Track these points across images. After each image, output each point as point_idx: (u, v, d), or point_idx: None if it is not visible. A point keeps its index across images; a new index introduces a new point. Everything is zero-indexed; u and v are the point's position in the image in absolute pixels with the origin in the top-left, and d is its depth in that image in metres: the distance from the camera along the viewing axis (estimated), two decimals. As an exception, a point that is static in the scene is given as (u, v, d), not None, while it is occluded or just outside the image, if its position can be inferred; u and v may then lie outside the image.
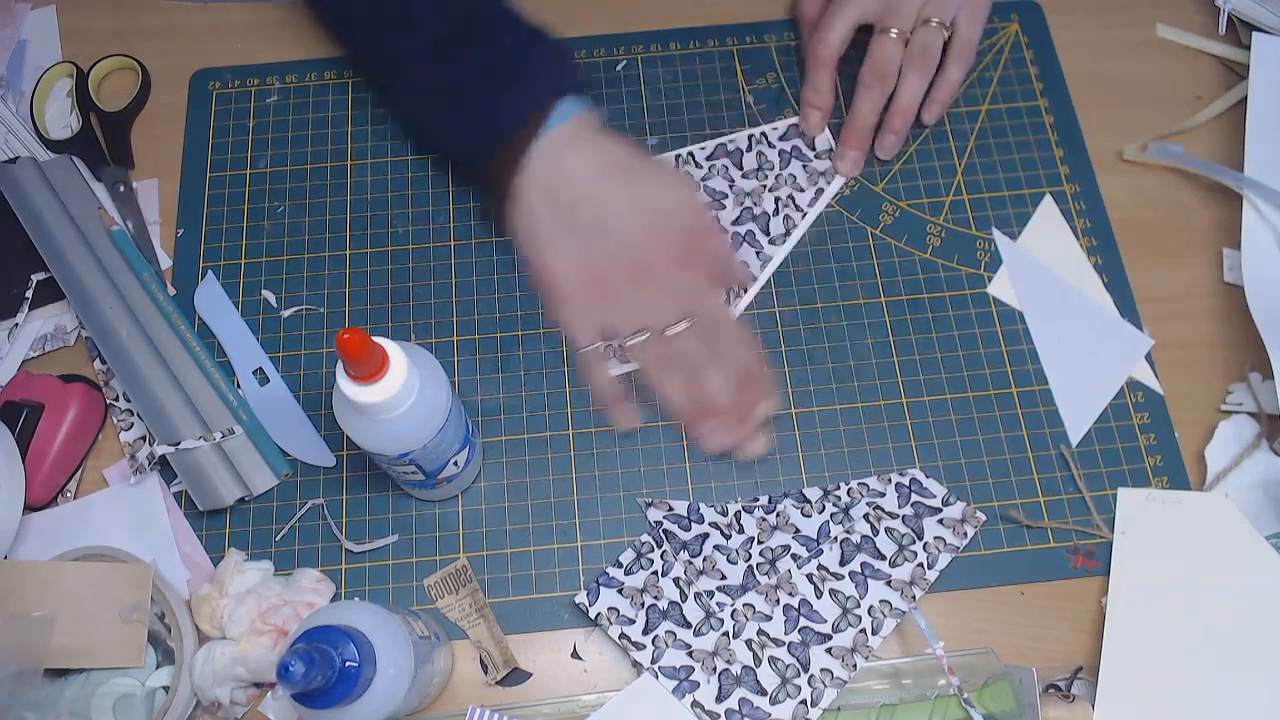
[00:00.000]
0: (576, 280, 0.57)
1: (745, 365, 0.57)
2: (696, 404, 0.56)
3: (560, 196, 0.56)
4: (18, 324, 0.60)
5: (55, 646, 0.50)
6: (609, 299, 0.56)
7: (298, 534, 0.56)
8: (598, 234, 0.56)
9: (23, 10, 0.70)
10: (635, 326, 0.56)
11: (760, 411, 0.56)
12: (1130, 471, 0.56)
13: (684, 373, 0.56)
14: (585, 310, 0.57)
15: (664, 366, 0.57)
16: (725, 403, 0.56)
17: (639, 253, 0.56)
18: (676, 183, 0.59)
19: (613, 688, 0.52)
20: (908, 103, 0.62)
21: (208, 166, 0.65)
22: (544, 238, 0.57)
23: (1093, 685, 0.51)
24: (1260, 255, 0.59)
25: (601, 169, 0.56)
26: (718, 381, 0.56)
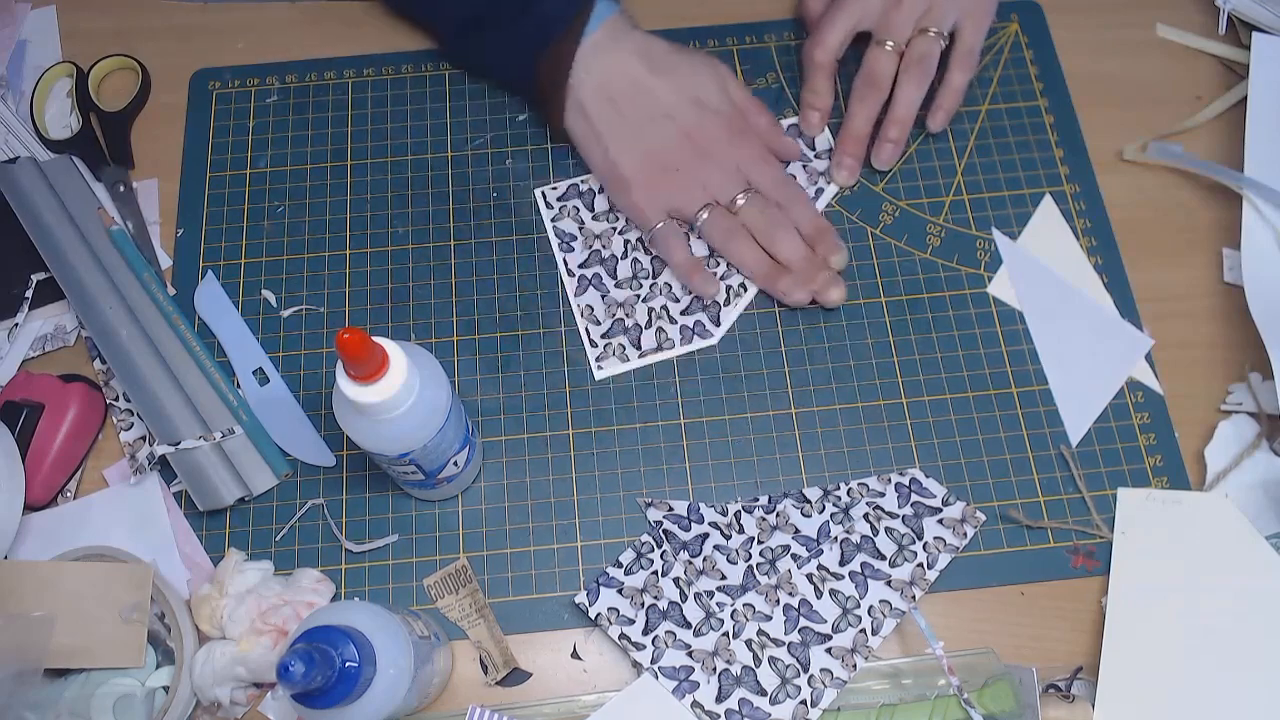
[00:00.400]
0: (639, 167, 0.60)
1: (810, 222, 0.60)
2: (772, 266, 0.59)
3: (611, 91, 0.60)
4: (18, 324, 0.60)
5: (55, 646, 0.50)
6: (672, 180, 0.60)
7: (298, 534, 0.56)
8: (652, 122, 0.60)
9: (23, 10, 0.70)
10: (701, 203, 0.59)
11: (833, 262, 0.59)
12: (1130, 471, 0.56)
13: (756, 237, 0.59)
14: (651, 194, 0.60)
15: (735, 235, 0.59)
16: (798, 260, 0.59)
17: (693, 134, 0.60)
18: (716, 68, 0.62)
19: (613, 688, 0.52)
20: (904, 113, 0.62)
21: (208, 166, 0.65)
22: (602, 132, 0.60)
23: (1093, 685, 0.51)
24: (1260, 255, 0.59)
25: (646, 62, 0.60)
26: (788, 241, 0.59)
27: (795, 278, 0.58)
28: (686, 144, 0.60)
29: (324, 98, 0.67)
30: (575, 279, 0.61)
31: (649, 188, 0.60)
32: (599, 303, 0.60)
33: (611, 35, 0.60)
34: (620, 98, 0.60)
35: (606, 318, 0.60)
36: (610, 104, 0.60)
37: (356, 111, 0.66)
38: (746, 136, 0.61)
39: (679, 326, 0.60)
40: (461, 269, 0.62)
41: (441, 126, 0.66)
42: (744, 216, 0.59)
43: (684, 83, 0.60)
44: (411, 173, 0.64)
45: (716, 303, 0.60)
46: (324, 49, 0.68)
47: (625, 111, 0.60)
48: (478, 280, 0.61)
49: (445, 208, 0.63)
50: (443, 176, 0.64)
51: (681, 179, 0.59)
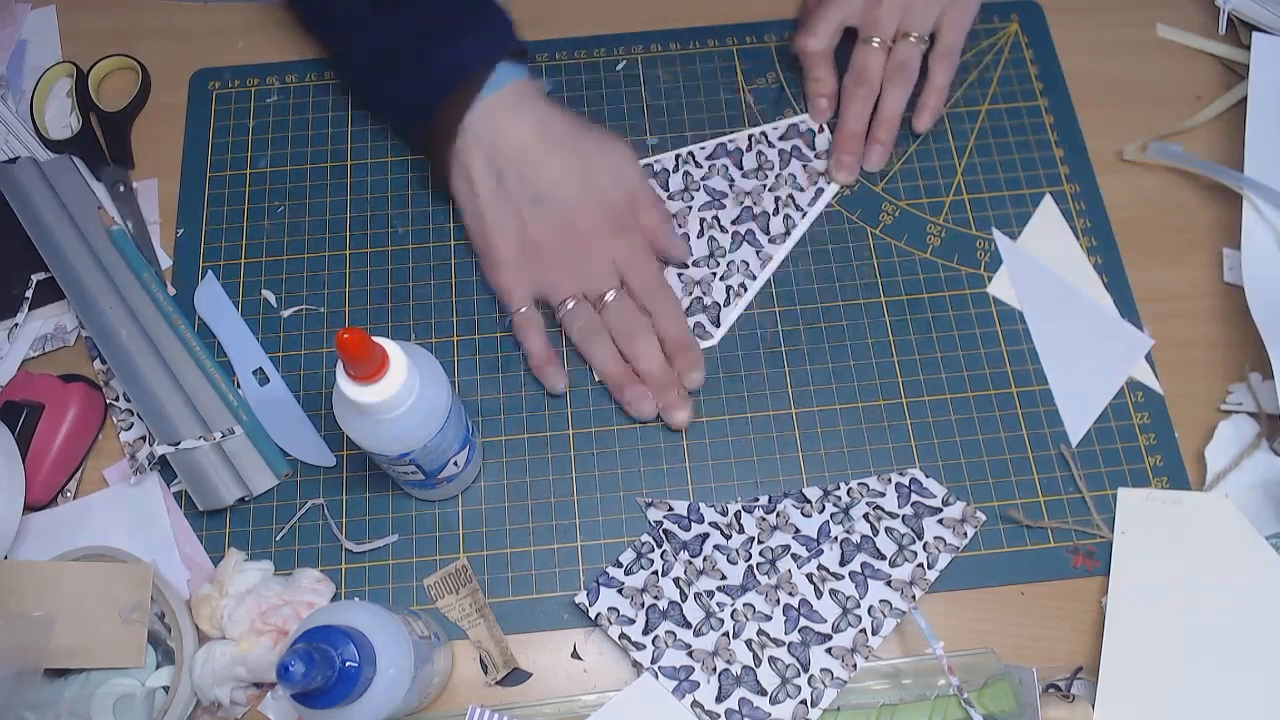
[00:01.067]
0: (512, 245, 0.57)
1: (675, 335, 0.57)
2: (624, 371, 0.57)
3: (498, 161, 0.56)
4: (18, 324, 0.60)
5: (55, 646, 0.50)
6: (543, 264, 0.57)
7: (298, 534, 0.56)
8: (534, 200, 0.56)
9: (23, 10, 0.70)
10: (567, 293, 0.57)
11: (688, 381, 0.57)
12: (1130, 471, 0.56)
13: (615, 339, 0.57)
14: (520, 274, 0.58)
15: (594, 333, 0.57)
16: (653, 370, 0.56)
17: (575, 220, 0.57)
18: (615, 151, 0.59)
19: (613, 688, 0.52)
20: (891, 115, 0.63)
21: (208, 166, 0.65)
22: (482, 202, 0.57)
23: (1093, 685, 0.51)
24: (1260, 255, 0.59)
25: (540, 135, 0.57)
26: (645, 349, 0.56)
27: (642, 390, 0.56)
28: (564, 231, 0.57)
29: (324, 98, 0.67)
30: (575, 279, 0.61)
31: (518, 269, 0.57)
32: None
33: (512, 101, 0.57)
34: (506, 169, 0.56)
35: (606, 318, 0.60)
36: (495, 174, 0.57)
37: (356, 111, 0.66)
38: (629, 232, 0.58)
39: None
40: (461, 269, 0.62)
41: (441, 126, 0.66)
42: (608, 315, 0.57)
43: (575, 162, 0.57)
44: (411, 173, 0.64)
45: (717, 303, 0.60)
46: (325, 54, 0.68)
47: (509, 185, 0.56)
48: (478, 280, 0.61)
49: (445, 208, 0.63)
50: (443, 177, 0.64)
51: (552, 266, 0.57)
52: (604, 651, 0.53)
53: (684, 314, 0.59)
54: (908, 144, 0.65)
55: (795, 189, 0.63)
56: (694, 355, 0.57)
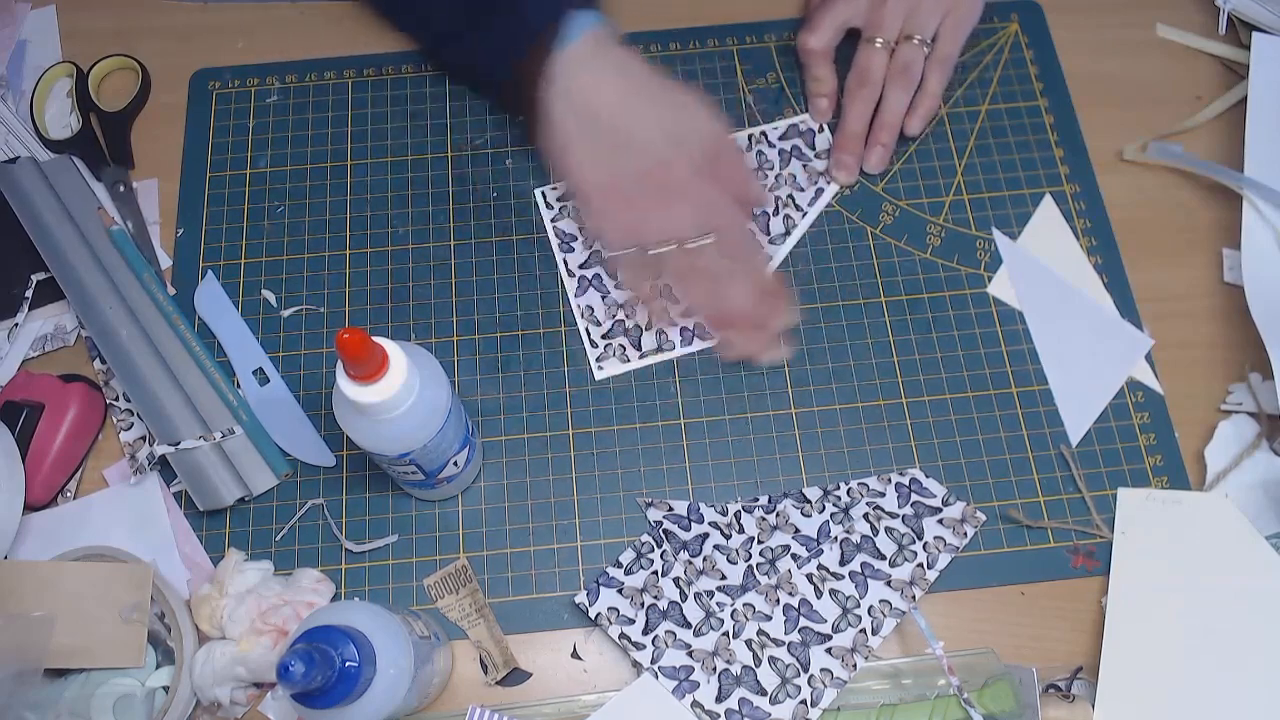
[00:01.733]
0: (605, 191, 0.58)
1: (764, 280, 0.59)
2: (720, 312, 0.58)
3: (587, 111, 0.57)
4: (18, 324, 0.60)
5: (55, 646, 0.50)
6: (635, 210, 0.58)
7: (298, 534, 0.56)
8: (624, 148, 0.57)
9: (23, 10, 0.70)
10: (661, 237, 0.58)
11: (778, 323, 0.58)
12: (1130, 471, 0.56)
13: (707, 282, 0.58)
14: (614, 220, 0.59)
15: (688, 275, 0.58)
16: (745, 312, 0.58)
17: (664, 167, 0.57)
18: (699, 104, 0.60)
19: (613, 688, 0.52)
20: (892, 118, 0.63)
21: (208, 166, 0.65)
22: (573, 151, 0.58)
23: (1093, 685, 0.51)
24: (1260, 255, 0.59)
25: (626, 85, 0.58)
26: (738, 292, 0.58)
27: (738, 331, 0.58)
28: (654, 178, 0.57)
29: (324, 98, 0.67)
30: (575, 279, 0.61)
31: (610, 215, 0.58)
32: (599, 303, 0.60)
33: (592, 49, 0.57)
34: (595, 117, 0.57)
35: (607, 318, 0.60)
36: (581, 125, 0.57)
37: (356, 111, 0.66)
38: (716, 179, 0.59)
39: (679, 328, 0.60)
40: (461, 269, 0.62)
41: (441, 126, 0.66)
42: (701, 259, 0.57)
43: (663, 113, 0.58)
44: (411, 173, 0.64)
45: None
46: (324, 49, 0.68)
47: (597, 135, 0.57)
48: (478, 280, 0.61)
49: (445, 208, 0.63)
50: (443, 176, 0.64)
51: (644, 212, 0.58)
52: (604, 651, 0.53)
53: (769, 259, 0.61)
54: (908, 144, 0.65)
55: (795, 189, 0.63)
56: (784, 298, 0.59)
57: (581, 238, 0.62)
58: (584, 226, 0.62)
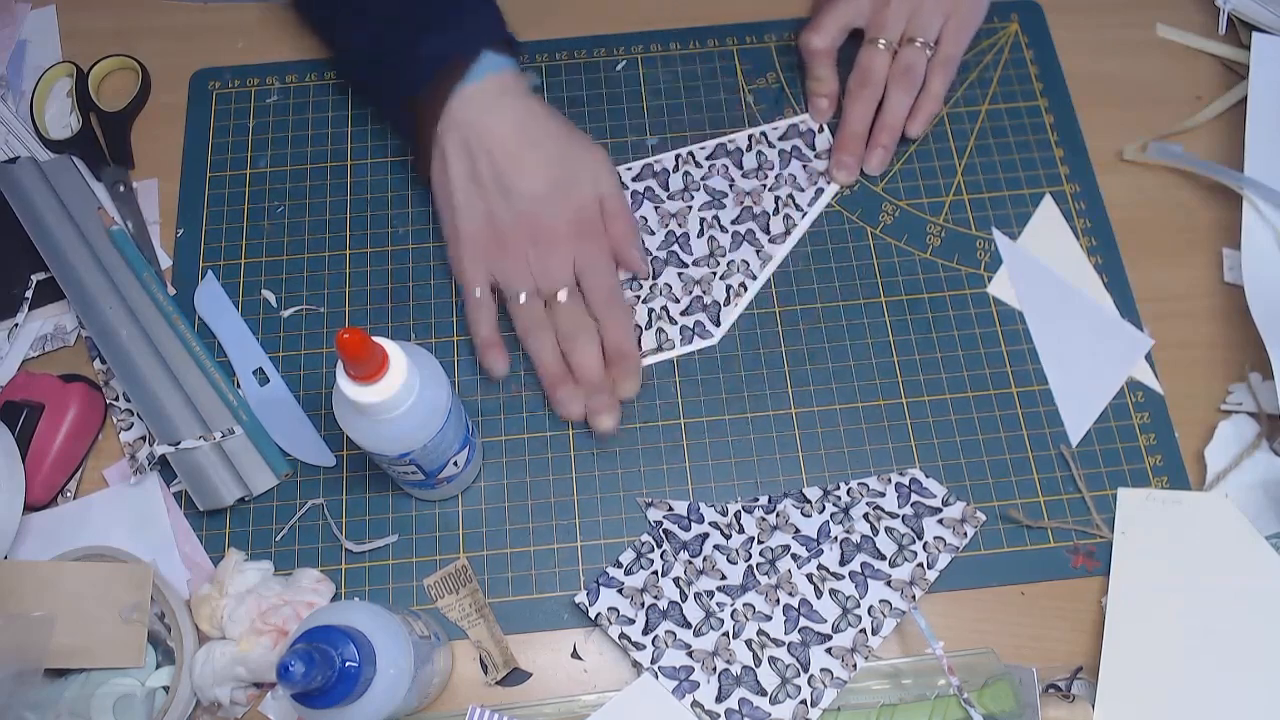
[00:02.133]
0: (476, 231, 0.58)
1: (617, 344, 0.57)
2: (561, 370, 0.57)
3: (474, 149, 0.57)
4: (18, 324, 0.60)
5: (55, 646, 0.50)
6: (503, 253, 0.58)
7: (298, 534, 0.56)
8: (504, 191, 0.57)
9: (23, 10, 0.70)
10: (522, 285, 0.58)
11: (621, 390, 0.57)
12: (1130, 471, 0.56)
13: (559, 339, 0.57)
14: (479, 260, 0.58)
15: (540, 328, 0.57)
16: (588, 374, 0.57)
17: (541, 215, 0.57)
18: (593, 155, 0.59)
19: (613, 688, 0.52)
20: (894, 119, 0.63)
21: (208, 166, 0.65)
22: (454, 186, 0.58)
23: (1093, 685, 0.51)
24: (1260, 255, 0.59)
25: (519, 128, 0.57)
26: (585, 352, 0.57)
27: (574, 390, 0.56)
28: (528, 225, 0.57)
29: (324, 98, 0.67)
30: (575, 279, 0.61)
31: (478, 255, 0.58)
32: (599, 303, 0.60)
33: (497, 91, 0.57)
34: (481, 157, 0.57)
35: (606, 318, 0.60)
36: (469, 161, 0.57)
37: (356, 111, 0.66)
38: (594, 237, 0.58)
39: (679, 327, 0.60)
40: (461, 269, 0.62)
41: (441, 126, 0.66)
42: (556, 314, 0.57)
43: (552, 162, 0.57)
44: (411, 173, 0.64)
45: (717, 303, 0.60)
46: (324, 49, 0.68)
47: (482, 172, 0.57)
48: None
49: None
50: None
51: (511, 257, 0.57)
52: (604, 651, 0.53)
53: (632, 326, 0.59)
54: (908, 144, 0.65)
55: (795, 189, 0.63)
56: (632, 366, 0.57)
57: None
58: (450, 265, 0.60)
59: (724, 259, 0.61)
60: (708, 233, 0.62)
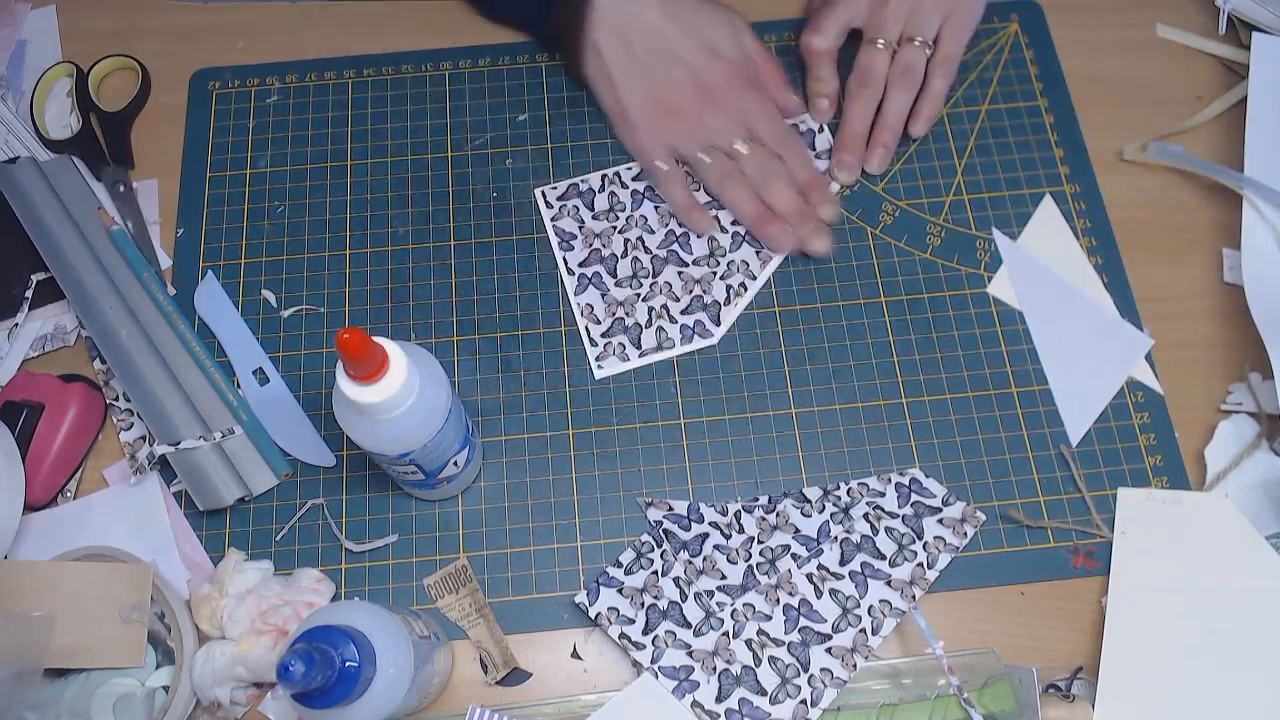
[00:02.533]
0: (646, 107, 0.62)
1: (807, 175, 0.62)
2: (763, 211, 0.61)
3: (626, 33, 0.62)
4: (18, 324, 0.60)
5: (55, 646, 0.50)
6: (676, 122, 0.62)
7: (298, 534, 0.56)
8: (662, 65, 0.62)
9: (23, 10, 0.70)
10: (701, 145, 0.61)
11: (823, 214, 0.61)
12: (1130, 471, 0.56)
13: (749, 185, 0.61)
14: (655, 134, 0.62)
15: (731, 179, 0.61)
16: (790, 208, 0.61)
17: (701, 79, 0.62)
18: (732, 19, 0.64)
19: (613, 688, 0.52)
20: (894, 119, 0.63)
21: (208, 166, 0.65)
22: (614, 72, 0.62)
23: (1093, 685, 0.51)
24: (1260, 255, 0.59)
25: (662, 6, 0.62)
26: (781, 190, 0.61)
27: (783, 225, 0.60)
28: (693, 88, 0.61)
29: (324, 98, 0.67)
30: (575, 277, 0.61)
31: (653, 128, 0.62)
32: (599, 301, 0.60)
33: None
34: (634, 39, 0.61)
35: (606, 317, 0.60)
36: (623, 45, 0.62)
37: (356, 111, 0.66)
38: (753, 87, 0.62)
39: (679, 326, 0.60)
40: (461, 269, 0.62)
41: (441, 126, 0.66)
42: (742, 163, 0.61)
43: (698, 29, 0.62)
44: (411, 173, 0.64)
45: (717, 302, 0.60)
46: (324, 49, 0.69)
47: (637, 53, 0.61)
48: (478, 280, 0.61)
49: (445, 208, 0.63)
50: (443, 176, 0.64)
51: (685, 121, 0.61)
52: (604, 651, 0.53)
53: (812, 158, 0.63)
54: (907, 144, 0.65)
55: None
56: (827, 191, 0.62)
57: (581, 236, 0.62)
58: (623, 146, 0.64)
59: (724, 259, 0.61)
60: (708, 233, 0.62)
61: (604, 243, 0.62)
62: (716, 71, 0.62)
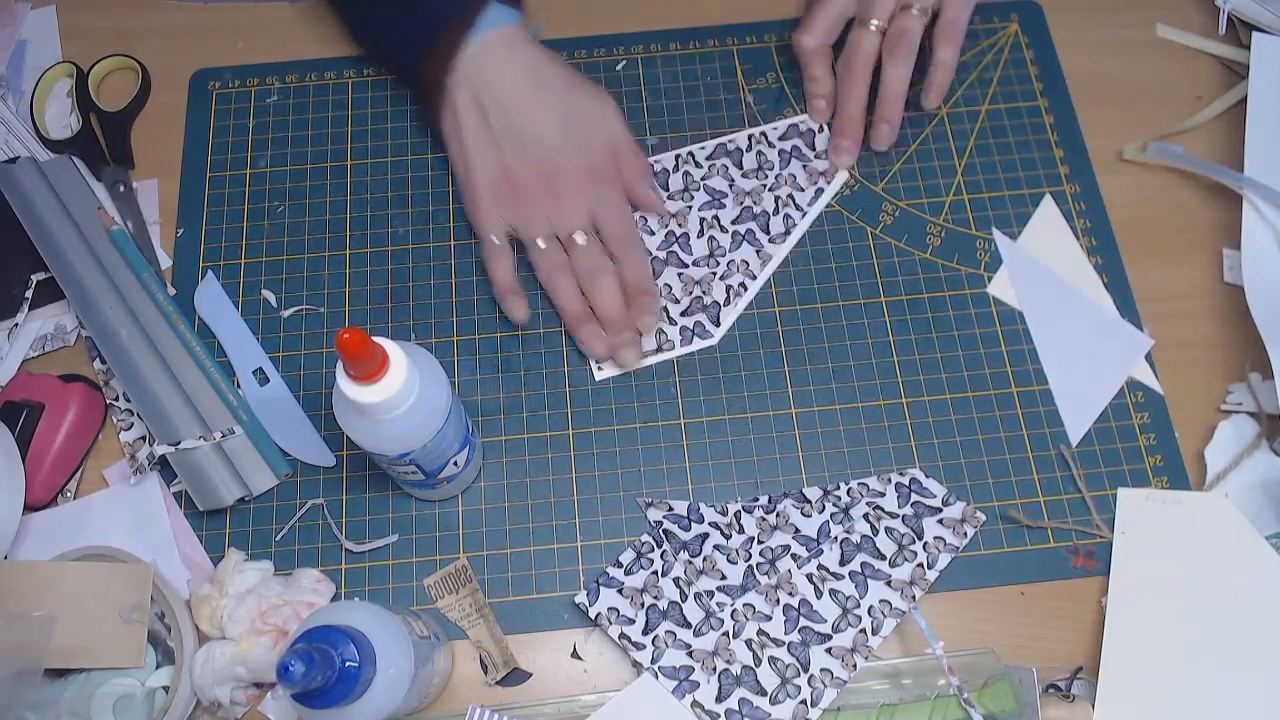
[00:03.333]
0: (490, 181, 0.60)
1: (636, 281, 0.59)
2: (583, 310, 0.58)
3: (485, 100, 0.59)
4: (18, 324, 0.60)
5: (55, 646, 0.50)
6: (520, 203, 0.59)
7: (298, 534, 0.56)
8: (516, 140, 0.59)
9: (23, 10, 0.70)
10: (540, 231, 0.59)
11: (642, 325, 0.58)
12: (1130, 471, 0.56)
13: (579, 279, 0.59)
14: (495, 209, 0.60)
15: (560, 271, 0.59)
16: (610, 311, 0.58)
17: (554, 162, 0.59)
18: (600, 102, 0.61)
19: (613, 688, 0.52)
20: (894, 91, 0.62)
21: (208, 166, 0.65)
22: (467, 138, 0.60)
23: (1093, 685, 0.51)
24: (1260, 255, 0.59)
25: (529, 78, 0.59)
26: (605, 290, 0.58)
27: (596, 329, 0.58)
28: (543, 170, 0.59)
29: (324, 98, 0.67)
30: (575, 279, 0.61)
31: (495, 203, 0.60)
32: (599, 303, 0.60)
33: (503, 43, 0.59)
34: (492, 109, 0.59)
35: (606, 318, 0.60)
36: (480, 112, 0.59)
37: (356, 111, 0.66)
38: (607, 179, 0.60)
39: (679, 327, 0.60)
40: (461, 269, 0.62)
41: (441, 126, 0.66)
42: (575, 256, 0.59)
43: (561, 107, 0.59)
44: (411, 173, 0.64)
45: (717, 303, 0.60)
46: (324, 49, 0.69)
47: (493, 123, 0.59)
48: (478, 280, 0.61)
49: (445, 208, 0.63)
50: (443, 176, 0.64)
51: (528, 203, 0.59)
52: (604, 651, 0.53)
53: (649, 264, 0.60)
54: (908, 144, 0.65)
55: (795, 189, 0.63)
56: (650, 301, 0.58)
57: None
58: (466, 216, 0.62)
59: (724, 259, 0.61)
60: (708, 233, 0.62)
61: (604, 243, 0.62)
62: (571, 156, 0.59)
